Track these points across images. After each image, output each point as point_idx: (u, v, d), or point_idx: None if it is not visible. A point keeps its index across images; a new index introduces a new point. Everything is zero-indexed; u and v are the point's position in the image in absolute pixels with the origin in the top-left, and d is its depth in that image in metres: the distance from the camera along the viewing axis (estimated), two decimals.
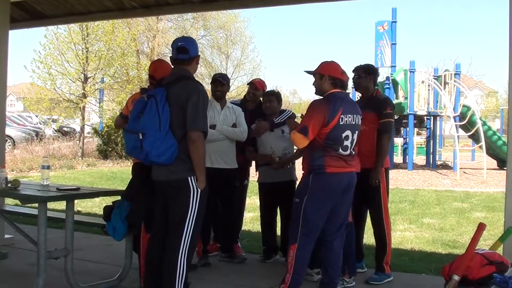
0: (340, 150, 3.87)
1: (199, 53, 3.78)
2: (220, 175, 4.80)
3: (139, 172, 4.01)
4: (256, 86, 5.47)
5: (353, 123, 3.94)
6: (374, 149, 4.56)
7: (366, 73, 4.69)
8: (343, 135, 3.87)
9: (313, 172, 3.88)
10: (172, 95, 3.46)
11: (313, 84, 4.09)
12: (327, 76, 3.97)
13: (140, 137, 3.39)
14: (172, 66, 3.74)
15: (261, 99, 5.42)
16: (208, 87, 5.66)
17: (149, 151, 3.38)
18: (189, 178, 3.47)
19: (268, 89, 5.54)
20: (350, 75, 4.82)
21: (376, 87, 4.83)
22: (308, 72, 4.10)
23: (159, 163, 3.45)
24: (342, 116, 3.86)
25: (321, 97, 4.01)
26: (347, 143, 3.89)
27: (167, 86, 3.51)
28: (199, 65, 3.89)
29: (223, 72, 19.83)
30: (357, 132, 3.98)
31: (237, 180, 5.21)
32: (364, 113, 4.58)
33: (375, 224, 4.67)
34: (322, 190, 3.86)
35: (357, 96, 4.71)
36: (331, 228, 4.01)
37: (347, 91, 4.29)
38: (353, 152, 3.98)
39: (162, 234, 3.61)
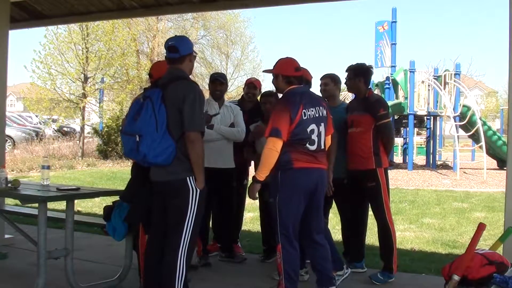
0: (307, 144, 3.83)
1: (199, 53, 3.79)
2: (218, 175, 4.79)
3: (137, 172, 4.00)
4: (255, 85, 5.48)
5: (317, 115, 3.90)
6: (371, 150, 4.57)
7: (354, 74, 4.65)
8: (308, 129, 3.83)
9: (281, 169, 3.81)
10: (168, 96, 3.45)
11: (272, 83, 4.10)
12: (280, 75, 3.97)
13: (137, 139, 3.38)
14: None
15: (258, 99, 5.43)
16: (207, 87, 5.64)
17: (147, 152, 3.38)
18: (187, 178, 3.47)
19: (267, 89, 5.54)
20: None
21: (369, 88, 4.79)
22: (267, 71, 4.10)
23: (157, 164, 3.45)
24: (304, 110, 3.83)
25: (279, 99, 4.03)
26: (313, 137, 3.85)
27: (163, 87, 3.51)
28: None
29: (222, 72, 19.87)
30: (323, 124, 3.93)
31: (235, 179, 5.21)
32: (358, 115, 4.59)
33: (380, 225, 4.65)
34: (292, 186, 3.81)
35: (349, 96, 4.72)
36: (315, 228, 3.96)
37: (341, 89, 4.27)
38: (322, 147, 3.93)
39: (162, 234, 3.61)
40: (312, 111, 3.88)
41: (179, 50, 3.59)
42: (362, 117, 4.55)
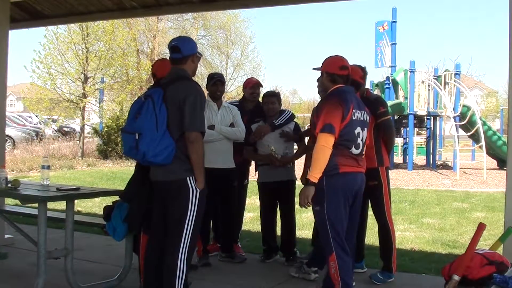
0: (353, 148, 3.72)
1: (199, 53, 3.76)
2: (218, 175, 4.79)
3: (138, 171, 4.00)
4: (260, 84, 5.51)
5: (362, 119, 3.80)
6: (373, 149, 4.55)
7: None
8: (356, 131, 3.72)
9: (325, 174, 3.64)
10: (169, 95, 3.45)
11: (317, 81, 4.03)
12: (324, 73, 3.86)
13: (137, 137, 3.38)
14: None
15: (260, 99, 5.44)
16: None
17: (146, 151, 3.37)
18: (187, 178, 3.47)
19: (268, 89, 5.55)
20: None
21: (366, 87, 4.76)
22: (315, 69, 4.00)
23: (156, 163, 3.44)
24: (354, 111, 3.71)
25: (327, 95, 3.85)
26: (359, 140, 3.74)
27: (165, 86, 3.51)
28: (199, 65, 3.88)
29: (221, 72, 19.83)
30: (366, 129, 3.84)
31: (236, 179, 5.21)
32: None
33: (380, 224, 4.65)
34: (338, 191, 3.68)
35: None
36: (350, 233, 3.85)
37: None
38: (363, 151, 3.85)
39: (161, 234, 3.61)
40: (359, 113, 3.77)
41: (182, 50, 3.59)
42: None
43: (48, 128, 23.56)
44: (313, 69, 4.02)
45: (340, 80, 3.80)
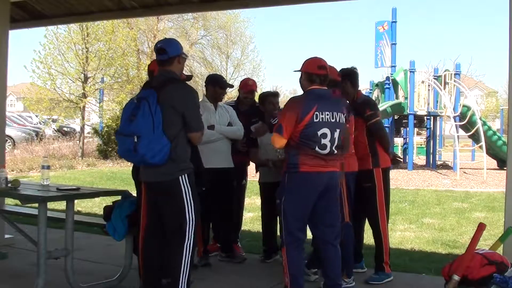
0: (317, 148, 3.75)
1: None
2: (218, 174, 4.80)
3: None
4: (253, 90, 5.51)
5: (333, 120, 3.80)
6: (367, 151, 4.54)
7: (340, 78, 4.43)
8: (319, 132, 3.74)
9: (288, 171, 3.81)
10: (163, 98, 3.49)
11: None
12: (302, 73, 3.93)
13: (135, 139, 3.41)
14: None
15: (256, 99, 5.45)
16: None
17: (145, 153, 3.41)
18: (180, 178, 3.52)
19: (267, 89, 5.55)
20: None
21: (358, 90, 4.68)
22: (297, 71, 4.06)
23: (153, 163, 3.47)
24: (317, 113, 3.74)
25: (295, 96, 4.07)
26: (325, 141, 3.76)
27: (157, 89, 3.54)
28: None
29: (221, 72, 19.82)
30: (338, 130, 3.84)
31: (235, 179, 5.21)
32: (351, 118, 4.51)
33: (371, 225, 4.65)
34: (298, 190, 3.79)
35: None
36: (328, 230, 3.94)
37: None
38: (335, 151, 3.84)
39: (159, 233, 3.64)
40: (328, 115, 3.78)
41: (167, 51, 3.64)
42: (354, 120, 4.50)
43: (48, 128, 23.53)
44: (294, 71, 4.09)
45: (317, 80, 3.87)
